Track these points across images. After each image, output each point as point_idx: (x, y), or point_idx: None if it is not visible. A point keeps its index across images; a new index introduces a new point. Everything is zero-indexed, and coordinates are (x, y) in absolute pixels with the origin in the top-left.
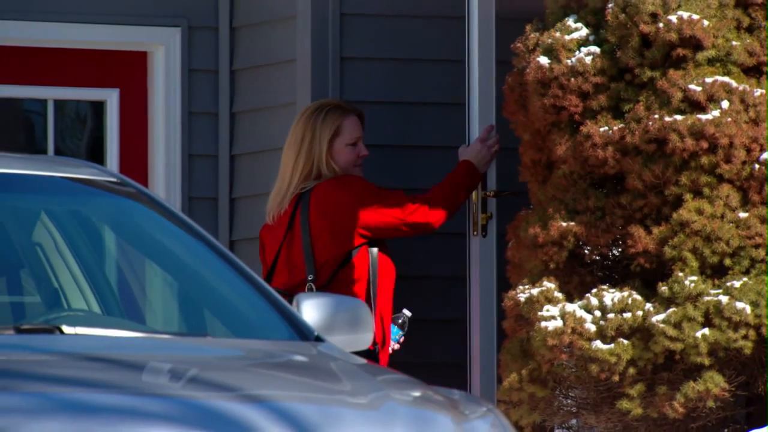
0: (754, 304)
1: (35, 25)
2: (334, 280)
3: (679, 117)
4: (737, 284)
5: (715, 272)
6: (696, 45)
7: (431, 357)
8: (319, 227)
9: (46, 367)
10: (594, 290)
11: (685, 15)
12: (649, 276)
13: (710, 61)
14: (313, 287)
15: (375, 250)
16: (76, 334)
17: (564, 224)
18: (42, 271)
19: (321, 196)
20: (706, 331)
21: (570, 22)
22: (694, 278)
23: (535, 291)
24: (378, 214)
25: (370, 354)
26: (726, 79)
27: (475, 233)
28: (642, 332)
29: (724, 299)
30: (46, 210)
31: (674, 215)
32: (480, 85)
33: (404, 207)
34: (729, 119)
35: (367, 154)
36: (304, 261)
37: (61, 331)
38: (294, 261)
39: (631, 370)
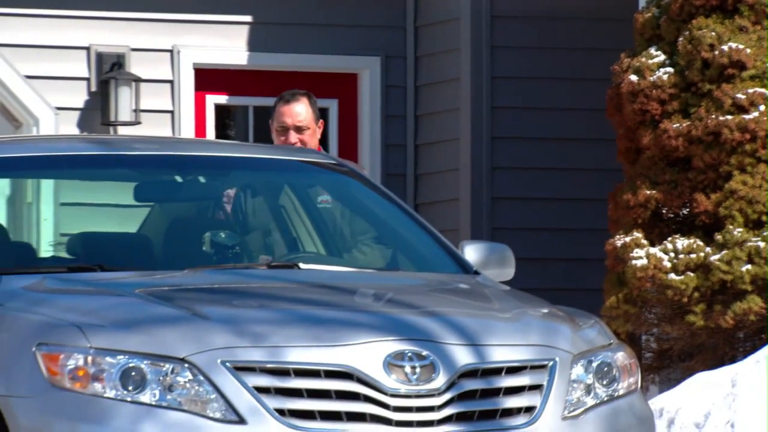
0: None
1: (282, 56)
2: None
3: (729, 117)
4: None
5: (755, 226)
6: (741, 66)
7: (568, 284)
8: None
9: (289, 292)
10: (669, 238)
11: (734, 45)
12: (708, 228)
13: (752, 78)
14: None
15: None
16: (309, 269)
17: (648, 192)
18: (285, 226)
19: None
20: (749, 266)
21: (652, 50)
22: (740, 230)
23: (627, 239)
24: None
25: None
26: (763, 90)
27: None
28: (703, 268)
29: (761, 244)
30: (287, 182)
31: (726, 186)
32: None
33: None
34: (765, 118)
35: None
36: None
37: (299, 267)
38: None
39: (696, 294)
